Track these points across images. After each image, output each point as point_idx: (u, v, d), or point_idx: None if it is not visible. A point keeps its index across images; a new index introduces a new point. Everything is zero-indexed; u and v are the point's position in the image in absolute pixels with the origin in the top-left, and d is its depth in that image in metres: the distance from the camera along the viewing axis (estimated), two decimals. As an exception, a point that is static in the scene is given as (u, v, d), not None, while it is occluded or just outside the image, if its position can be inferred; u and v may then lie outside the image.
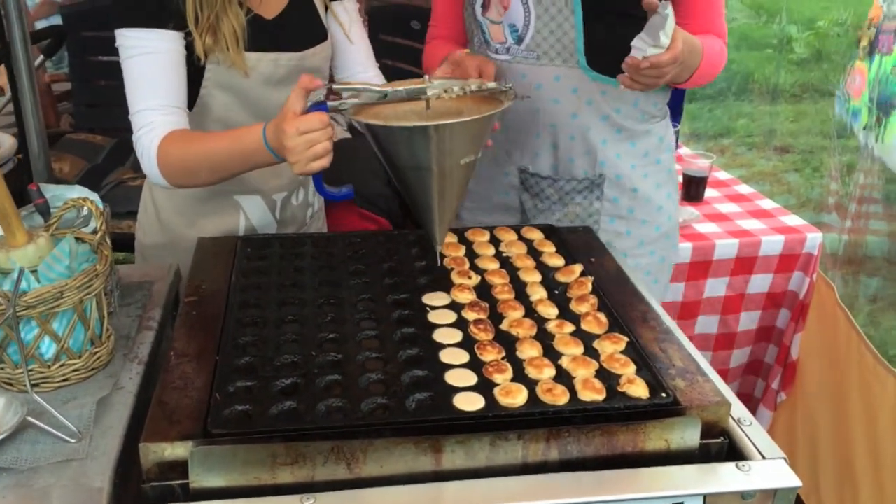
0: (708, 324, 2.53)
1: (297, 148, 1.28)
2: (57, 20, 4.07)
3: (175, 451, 1.02)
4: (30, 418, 1.12)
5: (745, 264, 2.45)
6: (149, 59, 1.46)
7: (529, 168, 1.79)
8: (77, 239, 1.27)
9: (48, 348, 1.20)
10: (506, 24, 1.68)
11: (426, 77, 1.35)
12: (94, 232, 1.29)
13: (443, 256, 1.47)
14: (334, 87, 1.30)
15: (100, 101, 3.80)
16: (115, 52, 1.50)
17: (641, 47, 1.46)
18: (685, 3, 1.68)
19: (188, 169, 1.47)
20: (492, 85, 1.34)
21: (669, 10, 1.40)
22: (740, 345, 2.58)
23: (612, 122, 1.75)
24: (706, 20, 1.70)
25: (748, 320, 2.55)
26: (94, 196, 1.38)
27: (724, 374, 2.52)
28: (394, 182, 1.38)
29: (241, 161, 1.43)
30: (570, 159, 1.77)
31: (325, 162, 1.31)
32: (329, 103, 1.29)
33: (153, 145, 1.46)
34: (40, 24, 4.11)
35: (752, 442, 1.13)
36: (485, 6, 1.71)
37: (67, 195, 1.39)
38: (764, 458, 1.10)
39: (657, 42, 1.42)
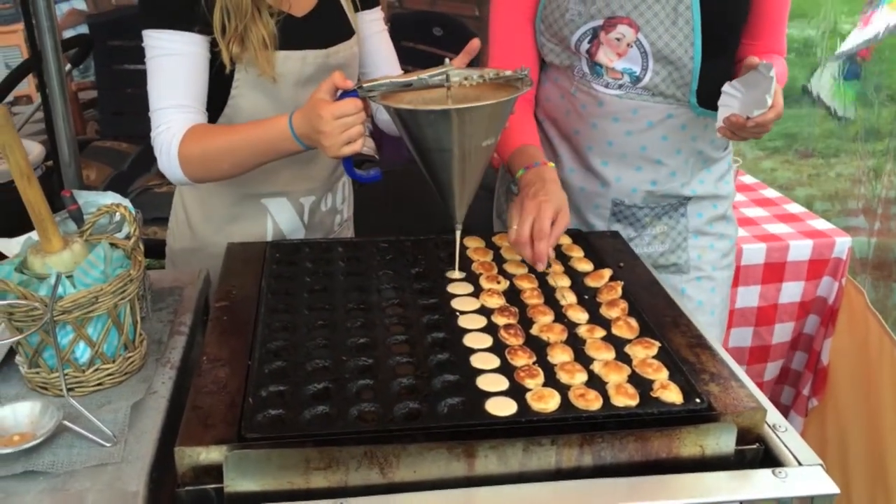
0: (742, 336, 2.50)
1: (332, 132, 1.32)
2: (83, 29, 4.13)
3: (210, 455, 1.02)
4: (66, 422, 1.13)
5: (774, 270, 2.43)
6: (173, 60, 1.49)
7: (625, 201, 1.77)
8: (111, 244, 1.28)
9: (83, 353, 1.21)
10: (619, 67, 1.65)
11: (446, 60, 1.39)
12: (128, 237, 1.30)
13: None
14: (364, 85, 1.35)
15: (125, 108, 3.86)
16: (140, 60, 1.52)
17: (733, 93, 1.53)
18: (753, 24, 1.69)
19: (210, 161, 1.49)
20: (508, 73, 1.38)
21: (773, 72, 1.44)
22: (774, 357, 2.54)
23: (705, 155, 1.78)
24: (772, 40, 1.73)
25: (782, 332, 2.51)
26: (127, 202, 1.39)
27: (759, 387, 2.47)
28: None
29: (265, 150, 1.46)
30: (667, 193, 1.77)
31: (357, 146, 1.35)
32: (358, 90, 1.35)
33: (174, 140, 1.48)
34: (67, 34, 4.17)
35: (788, 448, 1.12)
36: (591, 53, 1.66)
37: (100, 201, 1.40)
38: (800, 464, 1.09)
39: (762, 103, 1.46)
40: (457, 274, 1.48)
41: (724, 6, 1.62)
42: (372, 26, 1.76)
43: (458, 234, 1.46)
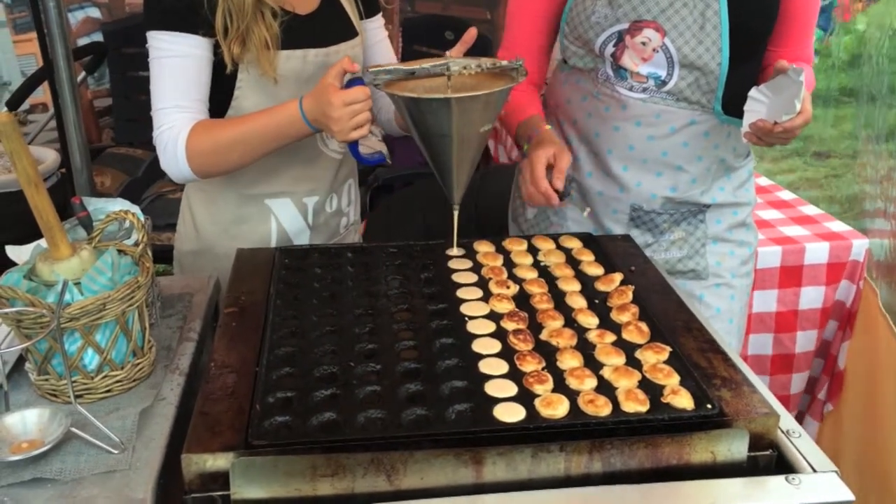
0: (761, 343, 2.46)
1: (342, 118, 1.40)
2: (98, 37, 4.17)
3: (217, 462, 1.02)
4: (74, 429, 1.13)
5: (791, 274, 2.39)
6: (176, 62, 1.51)
7: (644, 207, 1.76)
8: (119, 251, 1.28)
9: (91, 360, 1.22)
10: (644, 71, 1.64)
11: (447, 53, 1.48)
12: (136, 244, 1.30)
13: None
14: (370, 69, 1.44)
15: (140, 115, 3.84)
16: (154, 67, 1.53)
17: (760, 98, 1.53)
18: (780, 31, 1.67)
19: (221, 152, 1.52)
20: (505, 63, 1.46)
21: (802, 77, 1.44)
22: (799, 368, 2.49)
23: (726, 163, 1.77)
24: (799, 47, 1.72)
25: (806, 341, 2.46)
26: (136, 209, 1.40)
27: (784, 400, 2.40)
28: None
29: (275, 136, 1.51)
30: (686, 199, 1.76)
31: (364, 130, 1.43)
32: (365, 78, 1.42)
33: (180, 136, 1.50)
34: (82, 41, 4.21)
35: (801, 454, 1.10)
36: (616, 57, 1.65)
37: (109, 208, 1.41)
38: (815, 470, 1.07)
39: (790, 109, 1.45)
40: (455, 251, 1.57)
41: (753, 13, 1.61)
42: (375, 34, 1.78)
43: (455, 214, 1.55)
